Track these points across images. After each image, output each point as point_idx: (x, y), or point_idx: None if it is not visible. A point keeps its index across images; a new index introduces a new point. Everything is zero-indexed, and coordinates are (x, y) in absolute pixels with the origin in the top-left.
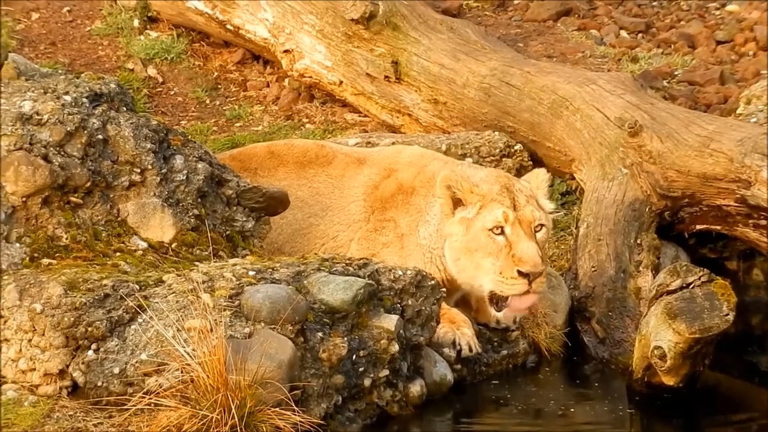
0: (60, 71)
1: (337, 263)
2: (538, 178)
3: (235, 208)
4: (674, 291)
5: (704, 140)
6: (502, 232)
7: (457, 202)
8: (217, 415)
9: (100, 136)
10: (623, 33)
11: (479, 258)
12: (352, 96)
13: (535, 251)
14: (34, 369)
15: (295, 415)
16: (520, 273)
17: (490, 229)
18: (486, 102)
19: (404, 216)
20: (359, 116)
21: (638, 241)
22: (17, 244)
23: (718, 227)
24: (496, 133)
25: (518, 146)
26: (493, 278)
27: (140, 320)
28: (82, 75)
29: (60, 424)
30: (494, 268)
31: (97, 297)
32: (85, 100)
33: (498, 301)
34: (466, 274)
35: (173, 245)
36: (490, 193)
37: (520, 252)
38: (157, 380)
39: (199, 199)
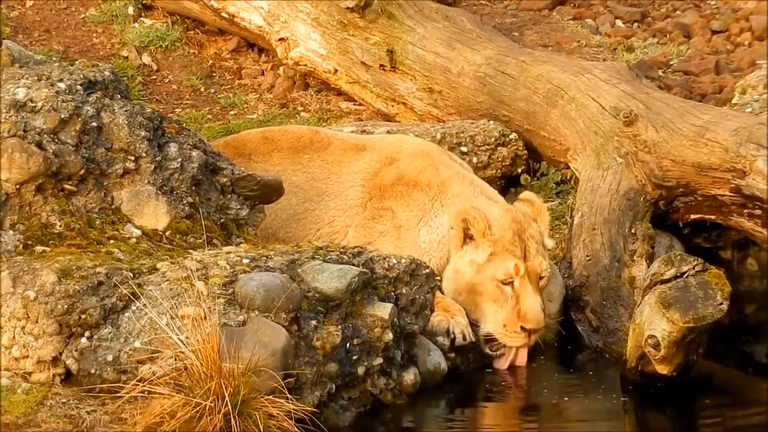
0: (54, 58)
1: (332, 251)
2: (545, 217)
3: (229, 196)
4: (668, 280)
5: (699, 130)
6: (511, 284)
7: (468, 237)
8: (211, 402)
9: (94, 124)
10: (618, 22)
11: (482, 302)
12: (347, 84)
13: (540, 307)
14: (27, 356)
15: (289, 403)
16: (522, 328)
17: (500, 280)
18: (481, 91)
19: (404, 209)
20: (354, 105)
21: (633, 231)
22: (11, 232)
23: (713, 217)
24: (491, 122)
25: (513, 135)
26: (494, 327)
27: (134, 308)
28: (77, 62)
29: (53, 412)
30: (497, 317)
31: (90, 284)
32: (79, 87)
33: (493, 343)
34: (464, 306)
35: (167, 233)
36: (502, 240)
37: (526, 308)
38: (150, 368)
39: (194, 187)
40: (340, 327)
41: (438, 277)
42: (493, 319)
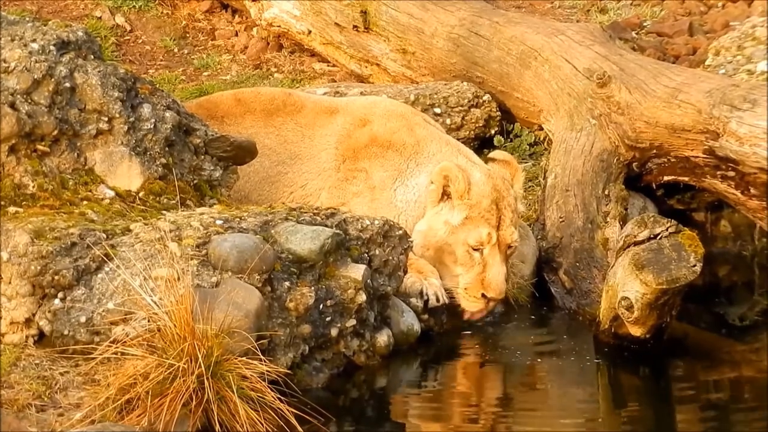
0: (27, 18)
1: (305, 213)
2: (520, 179)
3: (202, 157)
4: (642, 242)
5: (672, 91)
6: (480, 250)
7: (446, 194)
8: (184, 364)
9: (67, 84)
10: None
11: (449, 261)
12: (321, 46)
13: (503, 278)
14: (0, 317)
15: (262, 364)
16: (483, 295)
17: (471, 245)
18: (455, 52)
19: (378, 169)
20: (328, 66)
21: (606, 192)
22: None
23: (686, 178)
24: (465, 83)
25: (487, 96)
26: (456, 287)
27: (107, 269)
28: (50, 23)
29: (26, 373)
30: (461, 281)
31: (63, 245)
32: (52, 47)
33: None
34: (428, 260)
35: (140, 194)
36: (479, 206)
37: (490, 278)
38: (123, 329)
39: (167, 148)
40: (313, 288)
41: (411, 239)
42: (456, 279)
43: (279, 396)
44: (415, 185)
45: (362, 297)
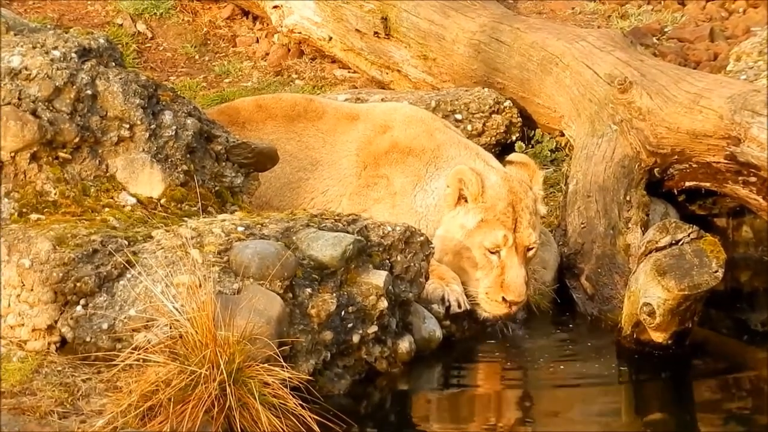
0: (49, 26)
1: (326, 219)
2: (539, 180)
3: (224, 163)
4: (663, 248)
5: (694, 97)
6: (498, 253)
7: (462, 197)
8: (206, 370)
9: (88, 92)
10: None
11: (468, 266)
12: (342, 52)
13: (523, 280)
14: (23, 324)
15: (284, 370)
16: (503, 298)
17: (488, 248)
18: (475, 58)
19: (399, 175)
20: (348, 72)
21: (627, 198)
22: (5, 200)
23: (708, 184)
24: (486, 89)
25: (508, 103)
26: (476, 291)
27: (129, 276)
28: (71, 30)
29: (48, 380)
30: (480, 284)
31: (85, 252)
32: (74, 55)
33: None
34: (450, 268)
35: (162, 201)
36: (494, 209)
37: (509, 280)
38: (145, 336)
39: (188, 155)
40: (334, 295)
41: (432, 245)
42: (476, 283)
43: (301, 402)
44: (434, 190)
45: (384, 303)
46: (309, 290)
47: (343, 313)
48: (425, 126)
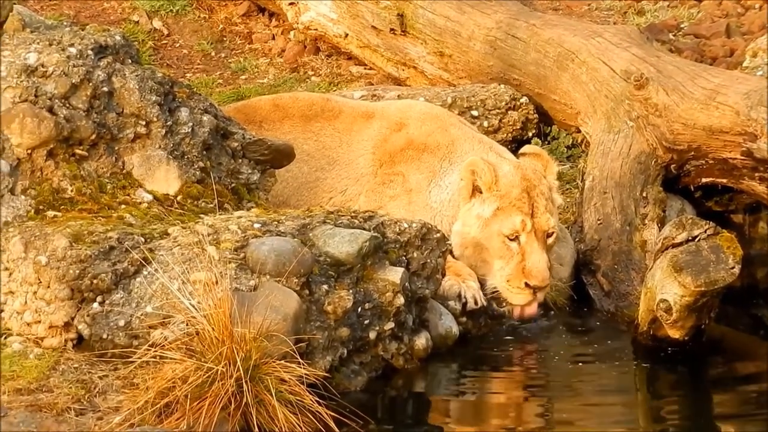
0: (65, 23)
1: (343, 216)
2: (553, 171)
3: (240, 160)
4: (680, 244)
5: (710, 93)
6: (517, 239)
7: (476, 189)
8: (222, 367)
9: (105, 89)
10: None
11: (488, 257)
12: (358, 49)
13: (545, 265)
14: (40, 321)
15: (300, 367)
16: (527, 284)
17: (506, 235)
18: (491, 55)
19: (414, 172)
20: (365, 69)
21: (644, 194)
22: (22, 197)
23: (724, 180)
24: (502, 86)
25: (524, 99)
26: (499, 282)
27: (145, 273)
28: (87, 27)
29: (65, 377)
30: (502, 273)
31: (102, 249)
32: (90, 52)
33: (501, 299)
34: (470, 262)
35: (178, 198)
36: (509, 195)
37: (531, 265)
38: (162, 333)
39: (204, 152)
40: (351, 291)
41: (448, 241)
42: (499, 274)
43: (317, 399)
44: (448, 185)
45: (400, 300)
46: (325, 287)
47: (359, 309)
48: (440, 122)
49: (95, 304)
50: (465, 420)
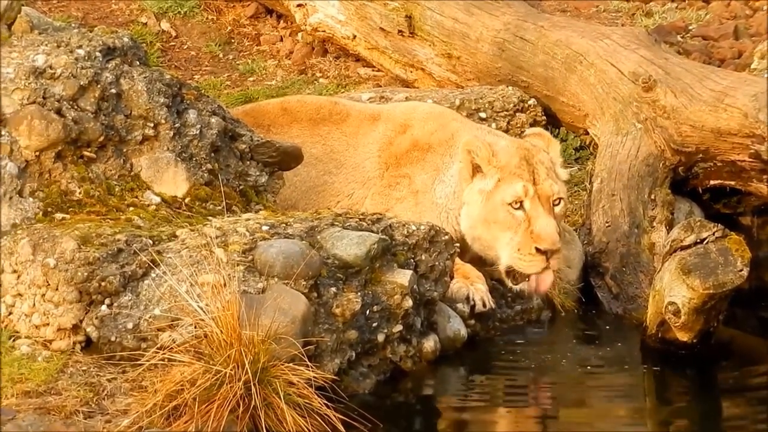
0: (73, 25)
1: (351, 218)
2: (555, 148)
3: (248, 162)
4: (688, 246)
5: (718, 95)
6: (521, 207)
7: (476, 168)
8: (231, 370)
9: (113, 91)
10: None
11: (497, 231)
12: (366, 50)
13: (554, 228)
14: (48, 324)
15: (309, 370)
16: (538, 250)
17: (509, 204)
18: (500, 57)
19: (420, 172)
20: (373, 71)
21: (652, 197)
22: (30, 199)
23: (732, 182)
24: (510, 87)
25: (532, 101)
26: (510, 254)
27: (153, 275)
28: (96, 29)
29: (73, 379)
30: (512, 243)
31: (110, 252)
32: (98, 54)
33: (516, 275)
34: (481, 243)
35: (186, 200)
36: (509, 165)
37: (539, 228)
38: (170, 335)
39: (213, 154)
40: (359, 294)
41: (457, 243)
42: (508, 246)
43: (326, 402)
44: (450, 177)
45: (408, 302)
46: (334, 289)
47: (367, 312)
48: (442, 119)
49: (103, 307)
50: (473, 423)
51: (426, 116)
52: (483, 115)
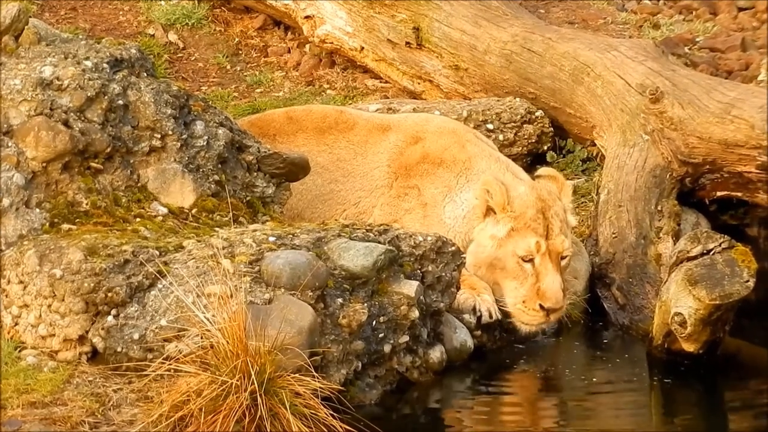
0: (81, 36)
1: (358, 229)
2: (568, 193)
3: (255, 173)
4: (695, 257)
5: (725, 107)
6: (531, 261)
7: (490, 210)
8: (237, 380)
9: (120, 102)
10: None
11: (502, 277)
12: (373, 62)
13: (560, 287)
14: (54, 335)
15: (315, 381)
16: (541, 306)
17: (521, 257)
18: (507, 68)
19: (429, 186)
20: (380, 82)
21: (659, 208)
22: (37, 210)
23: (739, 194)
24: (518, 99)
25: (539, 112)
26: (513, 303)
27: (160, 286)
28: (103, 40)
29: (80, 390)
30: (517, 294)
31: (117, 262)
32: (105, 65)
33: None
34: (483, 279)
35: (193, 211)
36: (524, 216)
37: (545, 287)
38: (176, 346)
39: (220, 165)
40: (366, 305)
41: (464, 254)
42: (512, 295)
43: (332, 412)
44: (463, 201)
45: (415, 313)
46: (340, 300)
47: (374, 323)
48: (457, 137)
49: (110, 318)
50: None
51: (439, 130)
52: (490, 126)
